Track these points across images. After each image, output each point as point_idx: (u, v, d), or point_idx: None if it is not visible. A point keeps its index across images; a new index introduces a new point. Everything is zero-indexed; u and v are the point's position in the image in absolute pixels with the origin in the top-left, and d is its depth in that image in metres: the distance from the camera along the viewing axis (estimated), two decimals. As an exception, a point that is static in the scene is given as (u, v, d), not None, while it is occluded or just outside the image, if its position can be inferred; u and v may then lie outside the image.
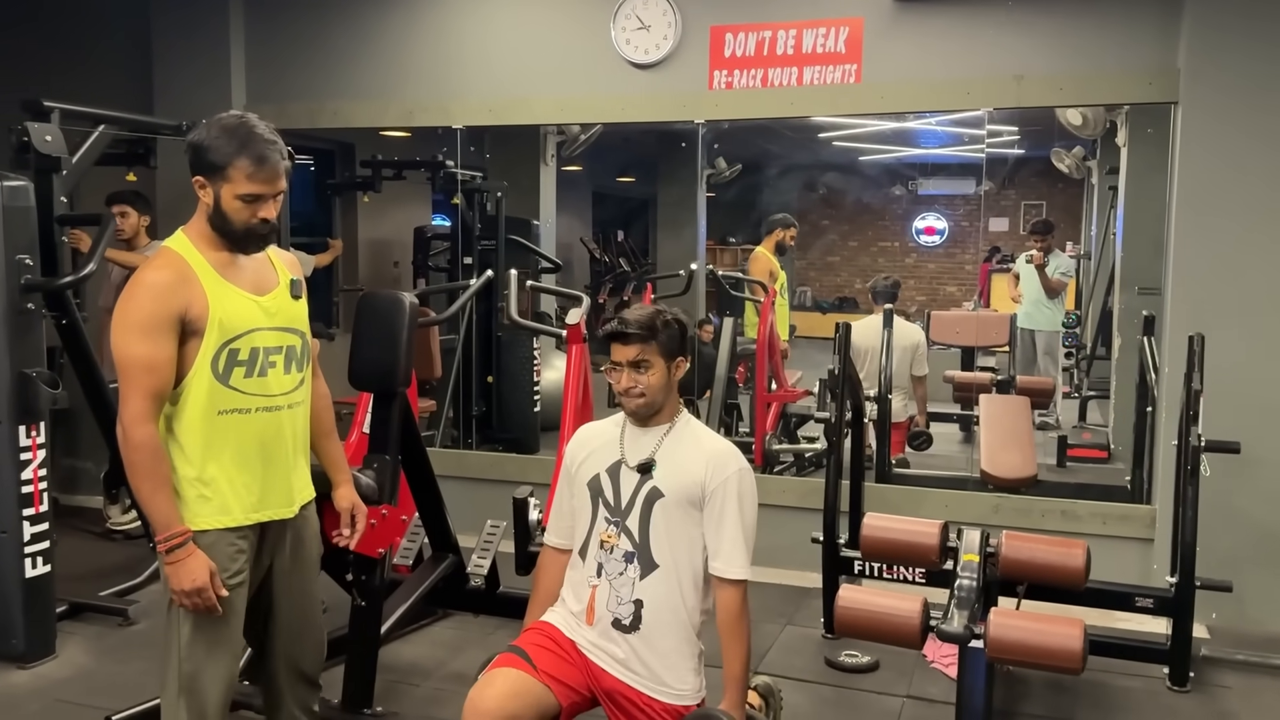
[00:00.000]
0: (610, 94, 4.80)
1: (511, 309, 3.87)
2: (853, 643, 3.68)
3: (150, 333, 2.08)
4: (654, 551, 2.28)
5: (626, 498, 2.31)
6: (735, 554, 2.27)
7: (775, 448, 5.73)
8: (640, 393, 2.28)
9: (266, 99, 5.27)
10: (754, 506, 2.32)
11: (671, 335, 2.28)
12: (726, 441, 2.38)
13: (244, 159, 2.10)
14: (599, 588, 2.32)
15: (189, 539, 2.12)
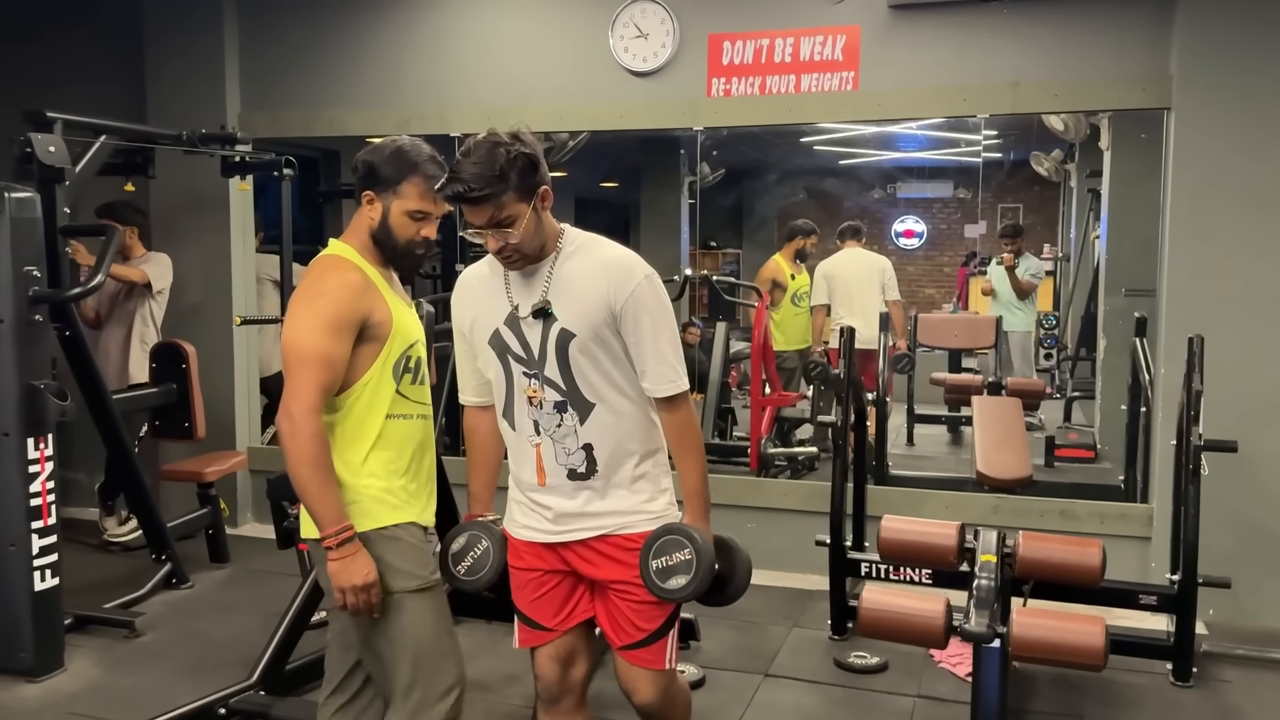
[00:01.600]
0: (608, 101, 4.83)
1: (521, 316, 3.87)
2: (861, 644, 3.73)
3: (338, 330, 2.10)
4: (584, 392, 2.09)
5: (537, 347, 2.09)
6: (661, 369, 2.08)
7: (770, 451, 5.78)
8: (515, 250, 2.02)
9: (261, 108, 5.25)
10: (668, 312, 2.10)
11: (523, 170, 1.98)
12: (622, 249, 2.13)
13: (419, 176, 2.16)
14: (542, 445, 2.14)
15: (355, 535, 2.11)
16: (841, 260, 6.55)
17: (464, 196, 1.95)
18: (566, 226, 2.12)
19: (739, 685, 3.56)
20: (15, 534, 3.43)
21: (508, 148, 1.96)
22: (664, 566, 2.08)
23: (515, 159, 1.96)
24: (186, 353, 4.56)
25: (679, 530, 2.10)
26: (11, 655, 3.47)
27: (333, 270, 2.18)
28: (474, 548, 2.24)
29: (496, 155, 1.94)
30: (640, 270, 2.06)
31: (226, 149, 4.73)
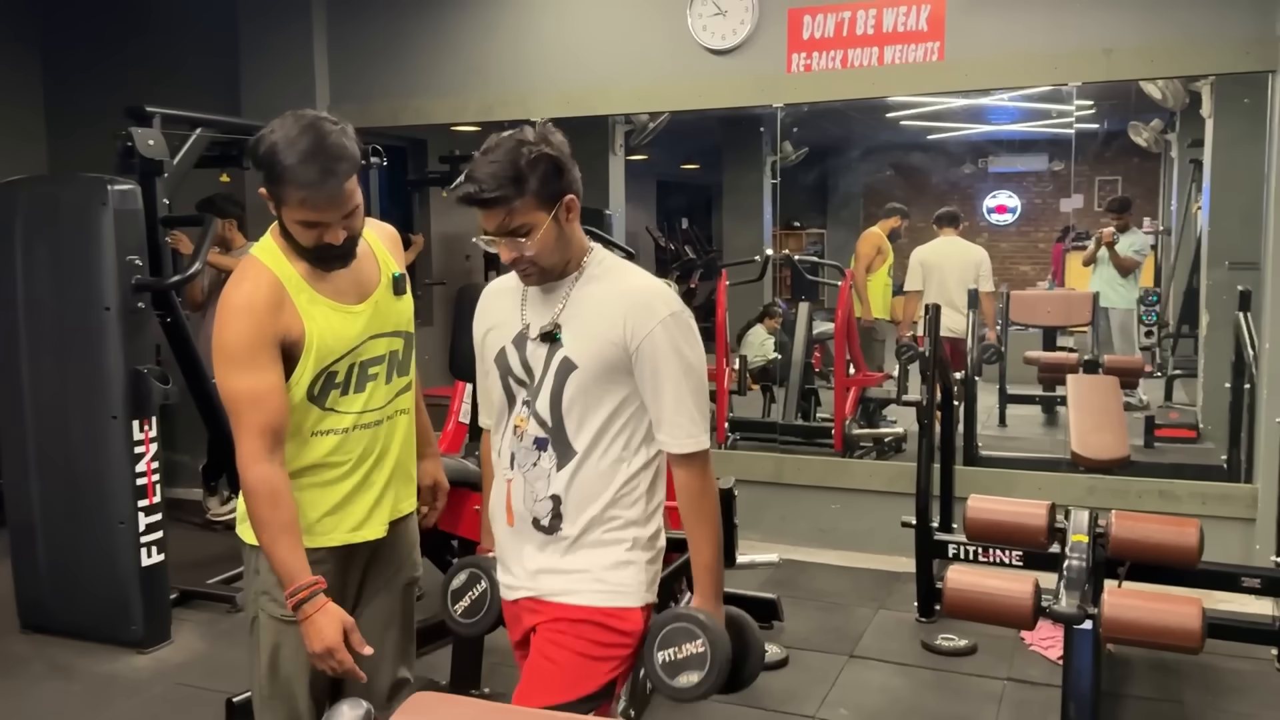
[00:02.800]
0: (687, 81, 4.81)
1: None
2: (949, 626, 3.67)
3: (250, 362, 1.86)
4: (570, 435, 1.81)
5: (537, 374, 1.83)
6: (680, 422, 1.78)
7: (855, 433, 5.71)
8: (530, 263, 1.76)
9: (349, 98, 5.37)
10: (697, 357, 1.81)
11: (545, 175, 1.72)
12: (651, 279, 1.85)
13: (294, 185, 1.82)
14: (513, 482, 1.87)
15: (316, 592, 1.86)
16: (938, 248, 6.42)
17: (474, 199, 1.71)
18: (596, 246, 1.86)
19: (823, 665, 3.54)
20: (123, 512, 3.59)
21: (530, 147, 1.71)
22: (672, 660, 1.79)
23: (536, 161, 1.70)
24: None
25: (689, 618, 1.80)
26: (123, 628, 3.64)
27: (240, 284, 1.91)
28: (473, 587, 1.99)
29: (516, 155, 1.70)
30: (665, 306, 1.77)
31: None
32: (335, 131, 1.86)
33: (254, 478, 1.85)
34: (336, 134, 1.85)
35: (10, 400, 3.73)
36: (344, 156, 1.84)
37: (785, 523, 4.84)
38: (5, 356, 3.74)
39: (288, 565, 1.86)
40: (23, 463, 3.73)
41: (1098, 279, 6.50)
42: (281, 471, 1.88)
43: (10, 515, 3.83)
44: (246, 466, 1.86)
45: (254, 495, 1.86)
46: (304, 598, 1.84)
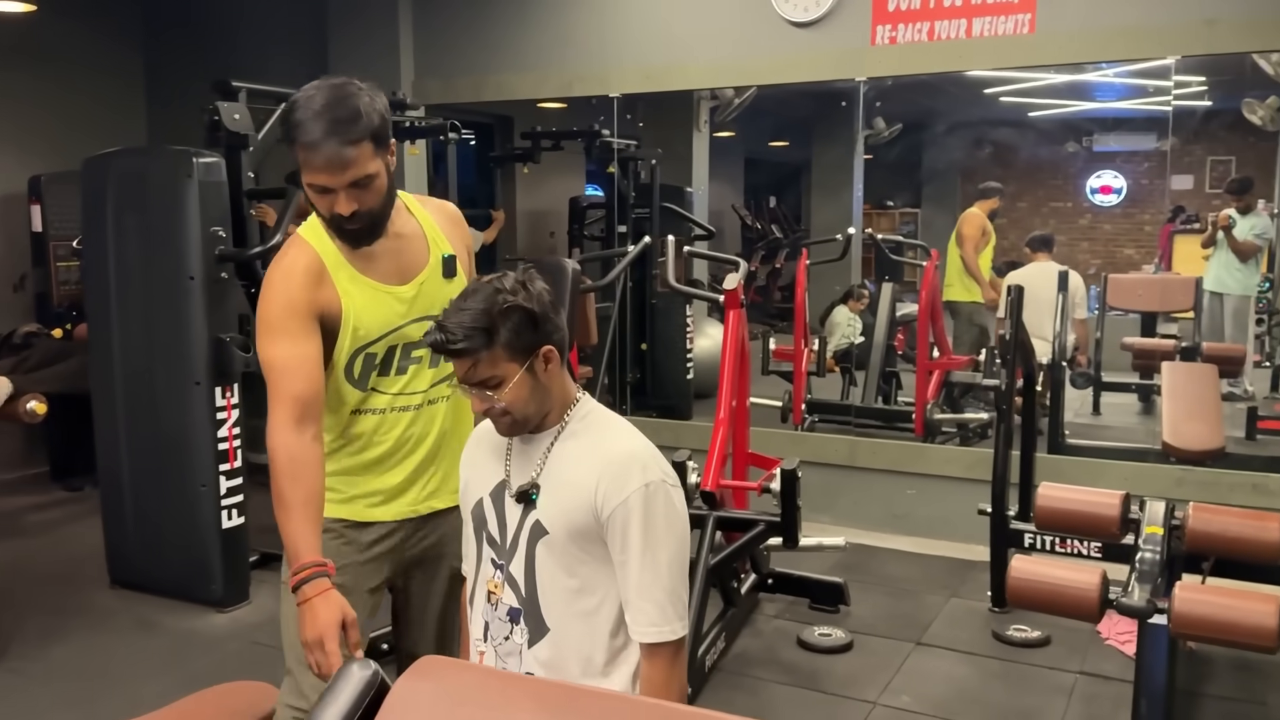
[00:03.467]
0: (768, 54, 4.73)
1: (669, 274, 3.88)
2: (1022, 616, 3.56)
3: (285, 330, 1.83)
4: (544, 609, 1.67)
5: (511, 534, 1.71)
6: (644, 606, 1.62)
7: (937, 417, 5.57)
8: (503, 412, 1.66)
9: (433, 74, 5.43)
10: (675, 537, 1.64)
11: (517, 327, 1.61)
12: (636, 440, 1.68)
13: (300, 143, 1.78)
14: (486, 656, 1.74)
15: (317, 575, 1.74)
16: (1030, 276, 5.84)
17: (441, 348, 1.62)
18: (585, 396, 1.73)
19: (888, 651, 3.48)
20: (205, 475, 3.72)
21: (505, 296, 1.60)
22: None
23: (509, 311, 1.60)
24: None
25: None
26: (203, 587, 3.78)
27: (281, 257, 1.90)
28: None
29: (490, 304, 1.60)
30: (642, 474, 1.61)
31: (397, 115, 4.92)
32: (356, 95, 1.78)
33: (276, 445, 1.80)
34: (356, 98, 1.78)
35: (102, 365, 3.90)
36: (354, 119, 1.76)
37: (858, 507, 4.76)
38: (97, 323, 3.91)
39: (294, 541, 1.77)
40: (113, 426, 3.89)
41: (1215, 263, 6.18)
42: (309, 444, 1.81)
43: (102, 476, 4.01)
44: (271, 433, 1.81)
45: (273, 463, 1.80)
46: (305, 577, 1.73)
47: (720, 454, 3.51)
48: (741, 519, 3.47)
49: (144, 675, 3.25)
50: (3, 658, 3.39)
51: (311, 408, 1.83)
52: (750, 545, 3.45)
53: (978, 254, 6.34)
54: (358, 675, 1.10)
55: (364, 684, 1.09)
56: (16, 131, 5.54)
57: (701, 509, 3.40)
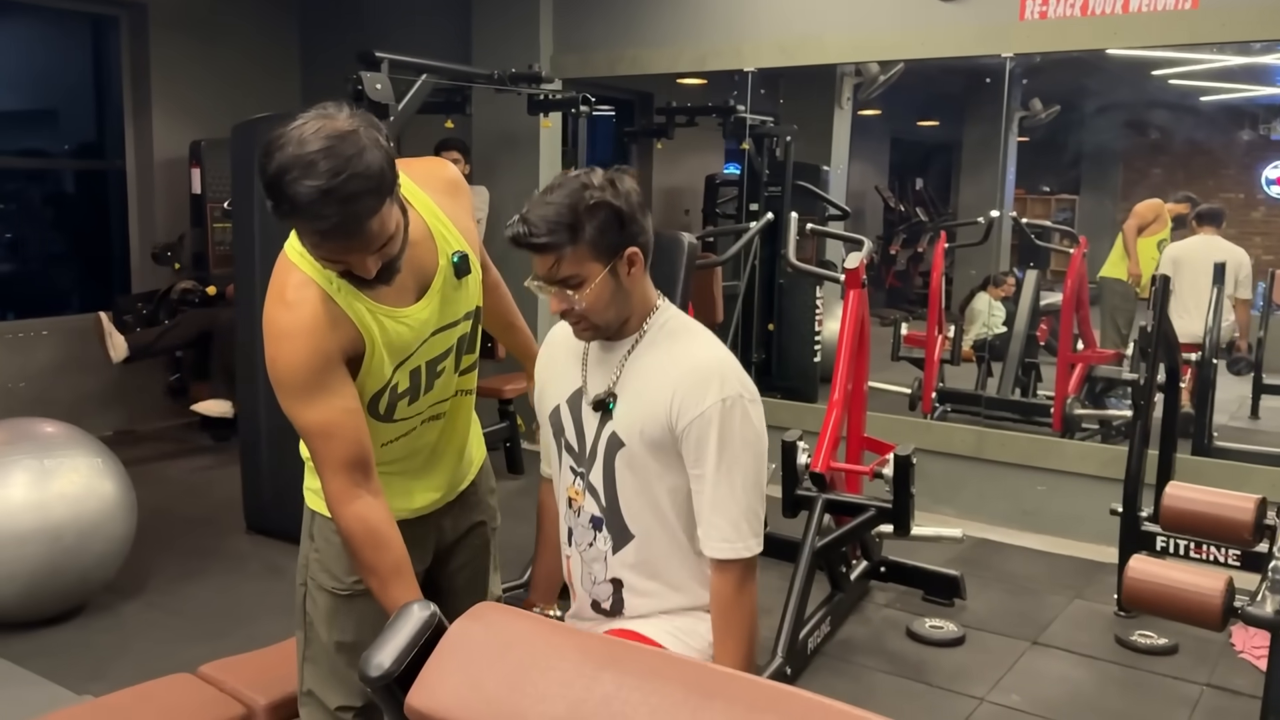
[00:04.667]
0: (909, 29, 4.59)
1: (790, 253, 3.83)
2: (1149, 623, 3.39)
3: (320, 386, 1.60)
4: (626, 517, 1.65)
5: (590, 443, 1.68)
6: (716, 522, 1.60)
7: (1078, 412, 5.32)
8: (581, 317, 1.60)
9: (571, 48, 5.49)
10: (752, 453, 1.59)
11: (604, 224, 1.54)
12: (716, 351, 1.63)
13: (303, 226, 1.51)
14: (572, 560, 1.74)
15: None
16: (1194, 246, 5.71)
17: (522, 241, 1.55)
18: (665, 304, 1.67)
19: (1002, 649, 3.36)
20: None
21: (592, 192, 1.54)
22: None
23: (596, 208, 1.53)
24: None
25: None
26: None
27: (280, 306, 1.61)
28: None
29: (576, 200, 1.53)
30: (721, 387, 1.56)
31: (532, 88, 5.00)
32: (356, 155, 1.45)
33: (348, 520, 1.63)
34: (357, 158, 1.45)
35: (247, 323, 4.12)
36: (365, 191, 1.46)
37: (983, 500, 4.60)
38: (244, 281, 4.13)
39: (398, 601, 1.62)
40: (253, 380, 4.10)
41: None
42: (375, 503, 1.65)
43: (242, 430, 4.24)
44: (336, 508, 1.64)
45: (352, 540, 1.64)
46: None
47: (833, 436, 3.45)
48: (851, 503, 3.40)
49: (270, 616, 3.43)
50: (145, 592, 3.64)
51: (364, 462, 1.65)
52: (859, 530, 3.38)
53: (1144, 236, 6.00)
54: (417, 614, 1.14)
55: (422, 623, 1.13)
56: (180, 98, 5.89)
57: (810, 490, 3.35)
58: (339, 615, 1.81)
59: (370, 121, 1.53)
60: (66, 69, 6.33)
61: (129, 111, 5.92)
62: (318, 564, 1.83)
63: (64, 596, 3.27)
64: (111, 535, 3.30)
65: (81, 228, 6.38)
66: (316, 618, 1.83)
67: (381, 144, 1.51)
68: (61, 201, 6.44)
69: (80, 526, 3.19)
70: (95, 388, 5.47)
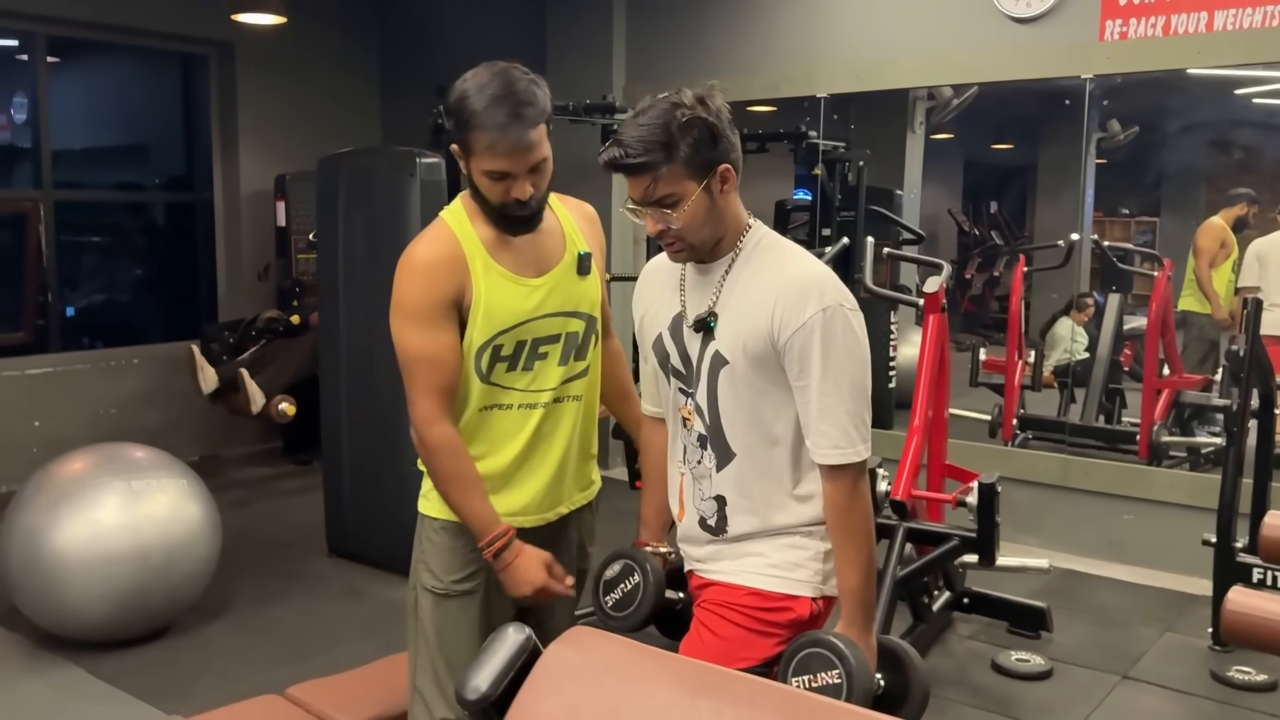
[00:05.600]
0: (985, 51, 4.54)
1: (867, 277, 3.79)
2: (1247, 657, 3.26)
3: (426, 320, 1.81)
4: (729, 435, 1.70)
5: (695, 364, 1.72)
6: (825, 429, 1.61)
7: (1164, 439, 5.16)
8: (677, 237, 1.64)
9: (643, 79, 5.54)
10: (856, 361, 1.62)
11: (697, 140, 1.57)
12: (814, 264, 1.67)
13: (480, 131, 1.75)
14: (685, 477, 1.79)
15: (511, 539, 1.85)
16: (1277, 242, 5.62)
17: (618, 164, 1.59)
18: (757, 223, 1.72)
19: (1091, 683, 3.26)
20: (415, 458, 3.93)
21: (684, 110, 1.56)
22: (805, 689, 1.62)
23: (689, 125, 1.56)
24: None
25: (827, 644, 1.62)
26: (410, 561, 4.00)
27: (417, 244, 1.88)
28: (625, 580, 1.87)
29: (668, 118, 1.56)
30: (821, 298, 1.59)
31: (606, 117, 5.05)
32: (525, 79, 1.79)
33: (436, 436, 1.82)
34: (526, 82, 1.78)
35: (329, 350, 4.21)
36: (532, 102, 1.76)
37: (1068, 530, 4.48)
38: (328, 310, 4.22)
39: (480, 516, 1.84)
40: (337, 407, 4.19)
41: None
42: (456, 430, 1.85)
43: (325, 453, 4.32)
44: (427, 426, 1.83)
45: (438, 452, 1.83)
46: (500, 546, 1.83)
47: (914, 463, 3.39)
48: (934, 532, 3.34)
49: (351, 638, 3.48)
50: (229, 613, 3.71)
51: (453, 396, 1.85)
52: (942, 560, 3.31)
53: (1214, 268, 5.85)
54: (513, 638, 1.15)
55: (518, 646, 1.14)
56: (266, 133, 6.08)
57: (891, 519, 3.29)
58: (438, 615, 1.92)
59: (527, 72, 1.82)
60: (158, 106, 6.58)
61: (217, 146, 6.13)
62: (422, 565, 1.94)
63: (152, 616, 3.36)
64: (197, 556, 3.38)
65: (170, 259, 6.61)
66: (423, 618, 1.93)
67: (539, 85, 1.81)
68: (152, 233, 6.68)
69: (168, 547, 3.27)
70: (182, 414, 5.64)
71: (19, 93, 5.84)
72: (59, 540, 3.13)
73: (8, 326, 5.57)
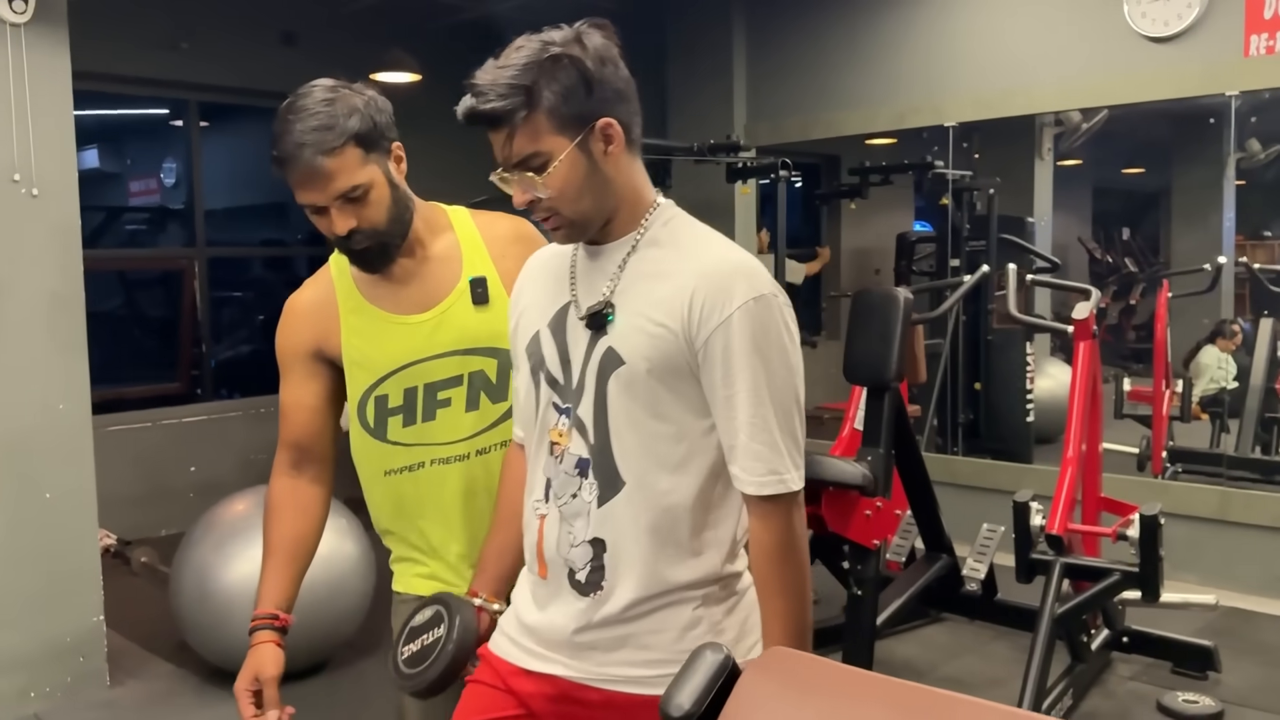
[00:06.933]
0: (1120, 73, 4.43)
1: (1010, 304, 3.71)
2: None
3: (284, 369, 1.70)
4: (619, 459, 1.32)
5: (577, 370, 1.35)
6: (761, 452, 1.28)
7: (1329, 470, 4.88)
8: (550, 210, 1.31)
9: (763, 116, 5.59)
10: (791, 363, 1.30)
11: (568, 87, 1.26)
12: (736, 250, 1.33)
13: (275, 160, 1.55)
14: (547, 519, 1.39)
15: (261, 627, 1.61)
16: None
17: (472, 112, 1.28)
18: (665, 201, 1.39)
19: (1269, 727, 3.08)
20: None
21: (553, 48, 1.26)
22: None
23: (558, 63, 1.25)
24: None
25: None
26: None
27: (299, 289, 1.76)
28: (430, 631, 1.50)
29: (534, 57, 1.25)
30: (749, 287, 1.27)
31: (731, 156, 5.10)
32: (334, 98, 1.54)
33: (269, 489, 1.71)
34: (333, 101, 1.53)
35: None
36: (329, 125, 1.51)
37: (1229, 566, 4.26)
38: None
39: (259, 589, 1.66)
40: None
41: None
42: (301, 486, 1.70)
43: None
44: (270, 477, 1.72)
45: (264, 506, 1.72)
46: (251, 628, 1.62)
47: (1069, 497, 3.28)
48: (1093, 567, 3.21)
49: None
50: (381, 649, 3.77)
51: (309, 452, 1.70)
52: (1102, 596, 3.18)
53: None
54: (710, 658, 1.15)
55: (717, 667, 1.14)
56: (402, 187, 6.31)
57: (1047, 554, 3.19)
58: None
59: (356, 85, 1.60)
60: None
61: (352, 201, 6.40)
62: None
63: (311, 652, 3.47)
64: (353, 592, 3.49)
65: (311, 310, 6.90)
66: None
67: (358, 95, 1.57)
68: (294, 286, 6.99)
69: (328, 583, 3.38)
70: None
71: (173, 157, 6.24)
72: (227, 578, 3.28)
73: (165, 376, 5.90)
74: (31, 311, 3.32)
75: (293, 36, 5.78)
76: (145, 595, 4.24)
